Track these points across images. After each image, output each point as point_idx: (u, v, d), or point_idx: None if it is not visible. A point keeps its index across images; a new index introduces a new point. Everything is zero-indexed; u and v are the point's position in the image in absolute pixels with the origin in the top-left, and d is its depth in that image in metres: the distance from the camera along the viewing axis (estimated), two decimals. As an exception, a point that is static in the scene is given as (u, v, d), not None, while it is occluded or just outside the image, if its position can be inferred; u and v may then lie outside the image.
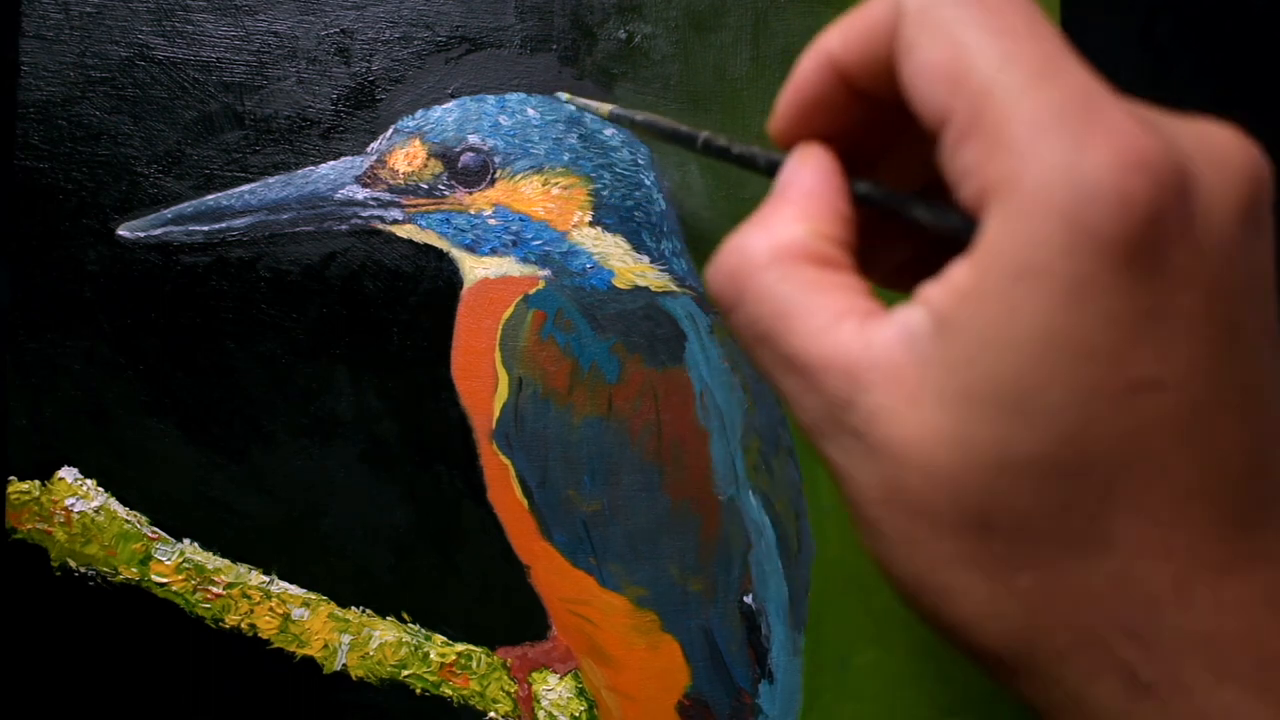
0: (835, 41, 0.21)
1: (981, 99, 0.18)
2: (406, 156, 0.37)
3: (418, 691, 0.37)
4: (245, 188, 0.37)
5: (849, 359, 0.19)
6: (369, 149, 0.37)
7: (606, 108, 0.32)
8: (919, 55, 0.19)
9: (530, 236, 0.37)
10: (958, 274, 0.18)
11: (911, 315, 0.18)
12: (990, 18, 0.18)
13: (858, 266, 0.21)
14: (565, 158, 0.37)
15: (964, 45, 0.18)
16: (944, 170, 0.19)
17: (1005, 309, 0.17)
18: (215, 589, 0.37)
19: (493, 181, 0.37)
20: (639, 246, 0.37)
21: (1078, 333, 0.17)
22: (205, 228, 0.37)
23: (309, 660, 0.37)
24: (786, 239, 0.20)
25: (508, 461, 0.37)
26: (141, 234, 0.37)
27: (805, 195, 0.21)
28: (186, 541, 0.37)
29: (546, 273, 0.37)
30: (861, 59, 0.21)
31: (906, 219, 0.21)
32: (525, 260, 0.37)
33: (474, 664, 0.37)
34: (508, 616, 0.37)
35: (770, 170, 0.22)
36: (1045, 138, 0.17)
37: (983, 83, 0.18)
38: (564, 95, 0.36)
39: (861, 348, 0.19)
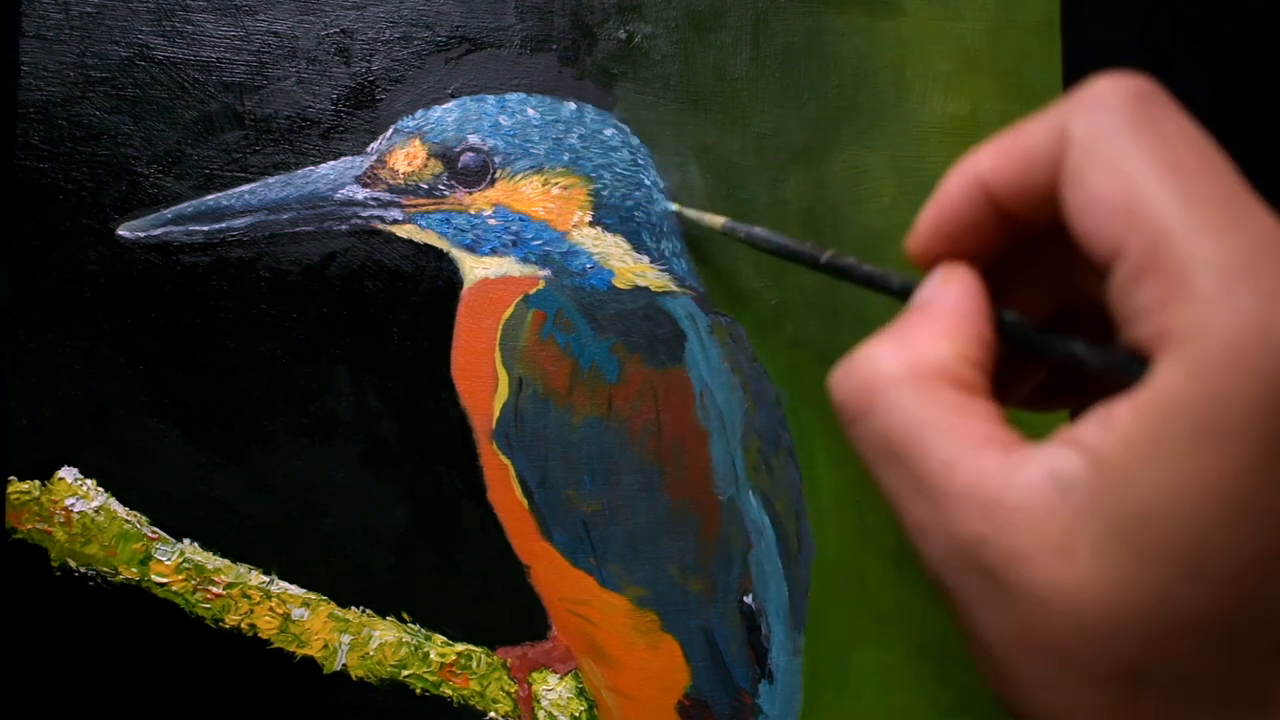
0: (987, 163, 0.20)
1: (1160, 238, 0.17)
2: (406, 156, 0.37)
3: (418, 691, 0.37)
4: (245, 188, 0.37)
5: (989, 494, 0.18)
6: (369, 149, 0.37)
7: (719, 220, 0.32)
8: (1089, 187, 0.18)
9: (530, 236, 0.37)
10: (1123, 419, 0.17)
11: (1063, 458, 0.18)
12: (1166, 152, 0.18)
13: (995, 393, 0.20)
14: (565, 158, 0.37)
15: (1139, 179, 0.18)
16: (1113, 305, 0.18)
17: (1186, 464, 0.16)
18: (215, 589, 0.37)
19: (493, 181, 0.37)
20: (639, 246, 0.37)
21: (1265, 497, 0.16)
22: (205, 228, 0.37)
23: (309, 660, 0.37)
24: (928, 357, 0.20)
25: (508, 461, 0.37)
26: (141, 234, 0.37)
27: (950, 315, 0.21)
28: (186, 541, 0.37)
29: (546, 273, 0.37)
30: (1017, 184, 0.20)
31: (1053, 354, 0.20)
32: (525, 260, 0.37)
33: (474, 664, 0.37)
34: (508, 616, 0.37)
35: (904, 294, 0.21)
36: (1236, 290, 0.16)
37: (1161, 221, 0.17)
38: (673, 206, 0.36)
39: (1004, 484, 0.18)
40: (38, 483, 0.36)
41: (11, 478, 0.36)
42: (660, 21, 0.37)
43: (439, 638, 0.37)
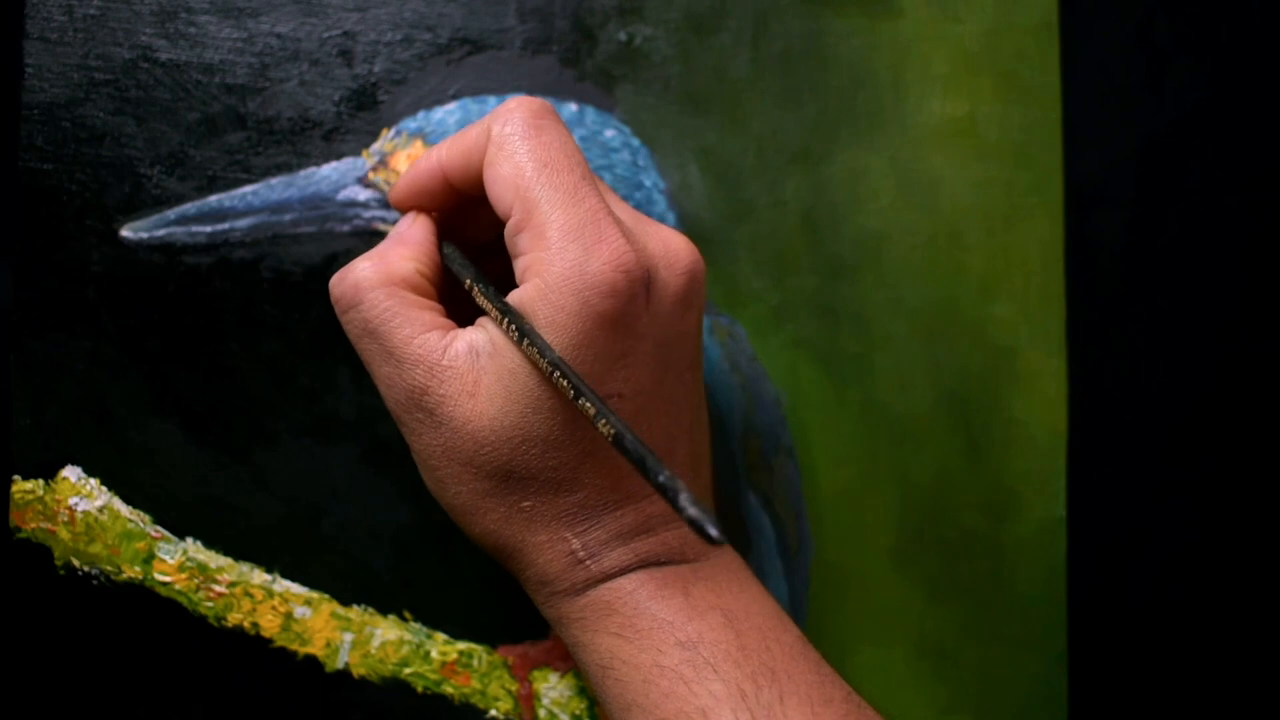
0: (445, 152, 0.31)
1: (532, 206, 0.28)
2: (408, 158, 0.37)
3: (419, 690, 0.37)
4: (248, 188, 0.37)
5: (432, 359, 0.29)
6: (371, 150, 0.37)
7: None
8: (496, 169, 0.29)
9: (531, 237, 0.37)
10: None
11: (478, 335, 0.29)
12: (543, 152, 0.28)
13: (440, 296, 0.31)
14: (566, 159, 0.37)
15: (524, 167, 0.28)
16: (508, 245, 0.29)
17: (525, 348, 0.27)
18: (218, 588, 0.37)
19: (494, 182, 0.37)
20: (639, 247, 0.37)
21: (578, 365, 0.27)
22: (208, 228, 0.37)
23: (311, 659, 0.37)
24: (397, 270, 0.30)
25: (509, 461, 0.37)
26: (145, 235, 0.37)
27: (413, 243, 0.31)
28: (189, 540, 0.37)
29: (547, 273, 0.37)
30: (460, 166, 0.31)
31: (468, 274, 0.31)
32: (526, 261, 0.37)
33: (475, 662, 0.37)
34: (509, 615, 0.37)
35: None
36: (569, 243, 0.27)
37: (533, 195, 0.28)
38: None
39: (441, 352, 0.29)
40: (41, 482, 0.37)
41: (15, 477, 0.36)
42: (660, 23, 0.38)
43: (440, 636, 0.37)
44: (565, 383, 0.26)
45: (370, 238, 0.37)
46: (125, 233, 0.37)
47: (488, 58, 0.37)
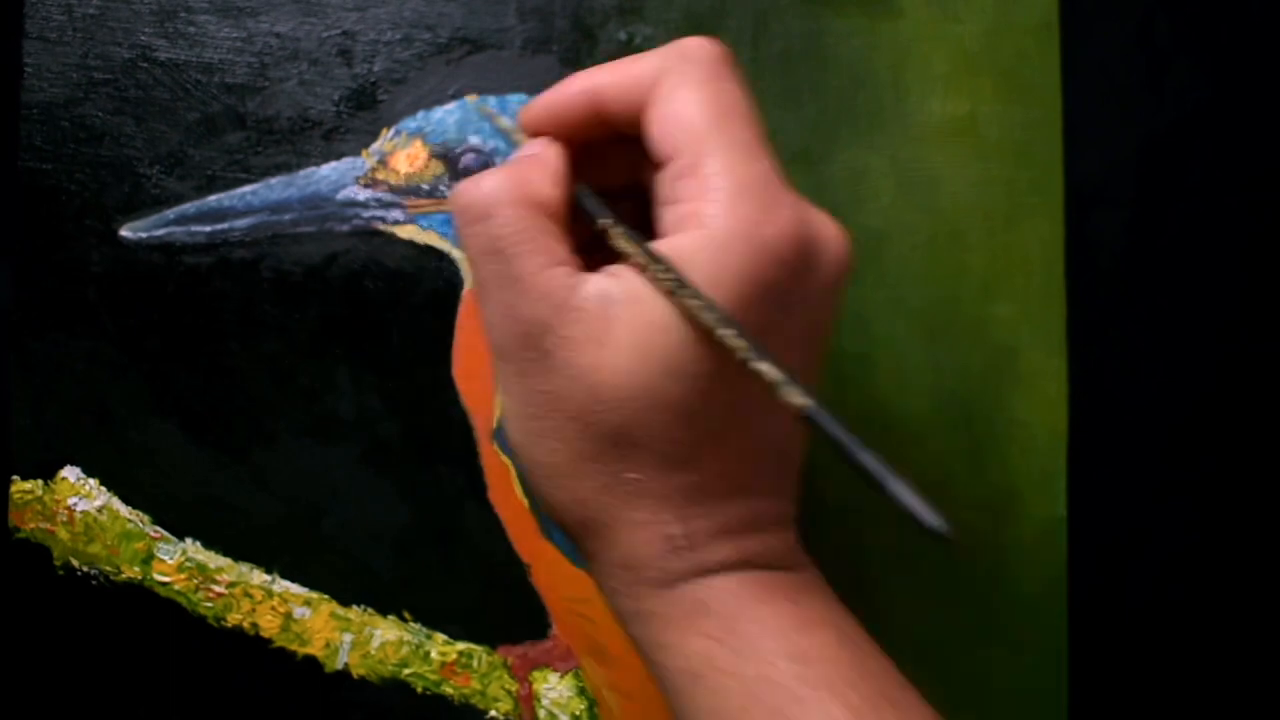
0: (605, 78, 0.28)
1: (703, 155, 0.25)
2: (408, 157, 0.37)
3: (419, 690, 0.37)
4: (247, 188, 0.37)
5: (560, 296, 0.25)
6: (371, 150, 0.37)
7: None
8: (668, 108, 0.26)
9: (531, 237, 0.37)
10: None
11: (611, 283, 0.25)
12: (721, 101, 0.26)
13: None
14: (566, 159, 0.37)
15: (698, 113, 0.26)
16: (659, 189, 0.26)
17: (684, 301, 0.24)
18: (217, 588, 0.37)
19: (494, 182, 0.37)
20: (639, 247, 0.37)
21: (722, 329, 0.24)
22: (208, 228, 0.37)
23: (311, 659, 0.37)
24: (535, 190, 0.26)
25: (508, 461, 0.37)
26: (144, 234, 0.37)
27: (551, 166, 0.27)
28: (189, 540, 0.37)
29: (547, 273, 0.37)
30: (622, 97, 0.27)
31: (601, 216, 0.28)
32: (526, 261, 0.37)
33: (475, 663, 0.37)
34: (508, 615, 0.37)
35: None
36: (743, 200, 0.25)
37: (706, 144, 0.25)
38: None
39: (570, 290, 0.25)
40: (41, 482, 0.37)
41: (14, 477, 0.36)
42: (660, 23, 0.38)
43: (440, 636, 0.37)
44: (740, 342, 0.23)
45: (369, 237, 0.37)
46: (125, 232, 0.37)
47: (487, 57, 0.37)
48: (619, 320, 0.25)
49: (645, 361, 0.24)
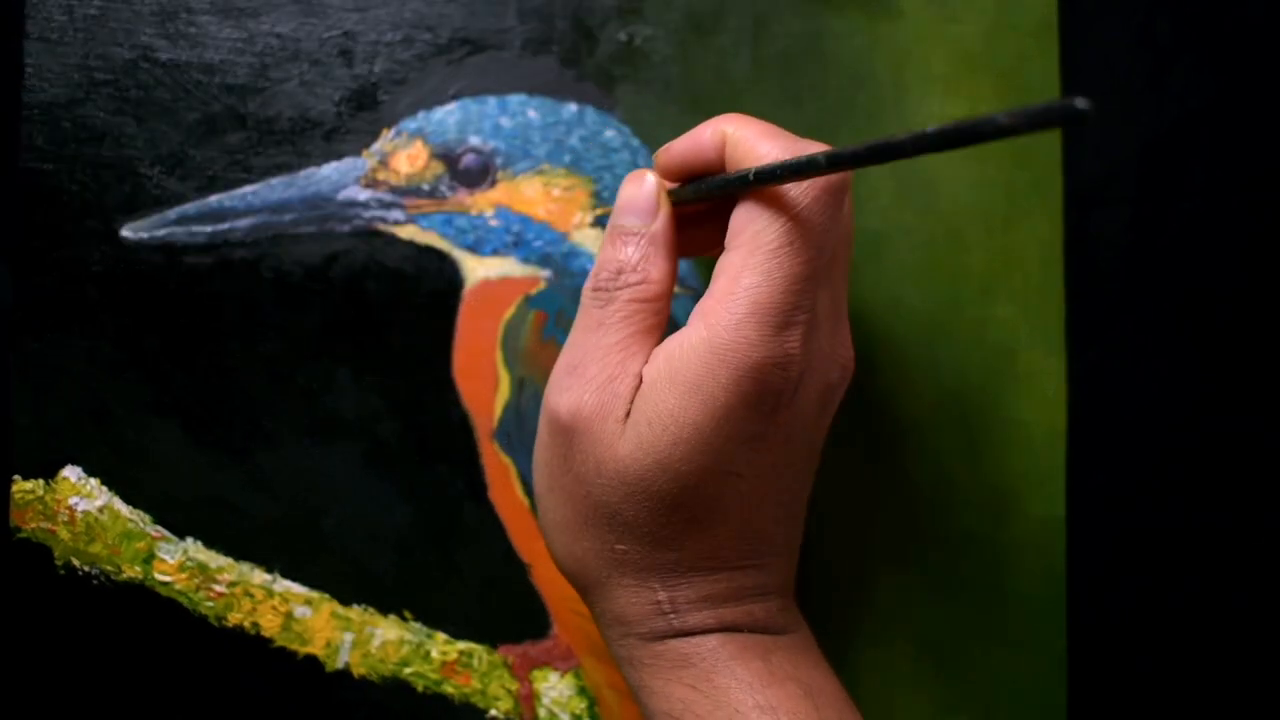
0: (680, 148, 0.30)
1: (745, 271, 0.27)
2: (408, 158, 0.37)
3: (419, 689, 0.37)
4: (248, 189, 0.37)
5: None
6: (371, 150, 0.37)
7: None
8: (757, 208, 0.27)
9: (531, 237, 0.37)
10: (658, 358, 0.28)
11: (648, 368, 0.28)
12: (794, 230, 0.27)
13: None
14: (566, 159, 0.37)
15: (774, 232, 0.27)
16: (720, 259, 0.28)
17: (685, 393, 0.27)
18: (218, 587, 0.37)
19: (494, 183, 0.37)
20: (639, 247, 0.37)
21: (713, 434, 0.27)
22: (208, 228, 0.37)
23: (311, 659, 0.37)
24: (652, 287, 0.29)
25: (509, 461, 0.37)
26: (145, 234, 0.37)
27: (668, 255, 0.30)
28: (190, 540, 0.37)
29: (548, 273, 0.37)
30: (691, 160, 0.30)
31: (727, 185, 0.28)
32: (526, 261, 0.37)
33: (475, 662, 0.37)
34: (509, 615, 0.37)
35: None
36: (750, 323, 0.27)
37: (752, 260, 0.27)
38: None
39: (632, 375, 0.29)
40: (41, 482, 0.37)
41: (15, 477, 0.36)
42: (661, 23, 0.38)
43: (440, 636, 0.37)
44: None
45: (370, 238, 0.37)
46: (125, 233, 0.37)
47: (488, 58, 0.37)
48: (635, 408, 0.28)
49: (644, 455, 0.27)
